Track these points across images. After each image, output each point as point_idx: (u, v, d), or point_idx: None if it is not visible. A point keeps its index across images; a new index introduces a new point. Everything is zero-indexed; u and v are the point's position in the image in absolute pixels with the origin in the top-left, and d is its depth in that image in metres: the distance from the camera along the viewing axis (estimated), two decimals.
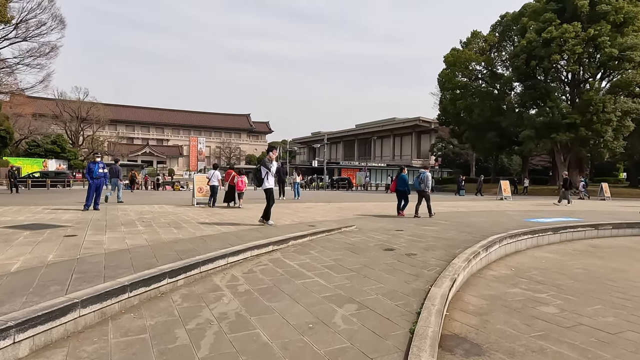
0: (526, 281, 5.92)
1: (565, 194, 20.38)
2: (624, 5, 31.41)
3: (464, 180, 35.07)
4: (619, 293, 5.40)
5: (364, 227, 9.43)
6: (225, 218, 10.52)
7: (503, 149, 45.75)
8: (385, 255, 6.44)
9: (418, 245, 7.25)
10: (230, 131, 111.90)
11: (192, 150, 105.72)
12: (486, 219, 11.92)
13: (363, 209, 14.96)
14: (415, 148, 77.79)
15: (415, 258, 6.23)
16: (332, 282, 4.94)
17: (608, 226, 10.93)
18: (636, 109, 32.21)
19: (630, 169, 50.69)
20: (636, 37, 31.38)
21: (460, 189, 33.02)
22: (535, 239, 8.99)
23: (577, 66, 33.32)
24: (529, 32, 33.69)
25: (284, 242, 6.96)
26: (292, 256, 6.32)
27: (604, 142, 32.29)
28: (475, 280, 5.94)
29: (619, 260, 7.69)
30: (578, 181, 39.62)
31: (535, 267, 6.87)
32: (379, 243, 7.38)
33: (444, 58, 43.02)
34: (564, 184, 21.11)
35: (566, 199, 20.15)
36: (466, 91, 42.82)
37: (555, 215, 13.56)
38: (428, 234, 8.50)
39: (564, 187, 20.90)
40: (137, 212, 11.76)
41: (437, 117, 49.13)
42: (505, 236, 7.96)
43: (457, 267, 5.54)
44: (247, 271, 5.45)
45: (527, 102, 37.84)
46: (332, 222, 9.94)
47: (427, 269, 5.59)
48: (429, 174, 12.65)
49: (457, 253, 6.49)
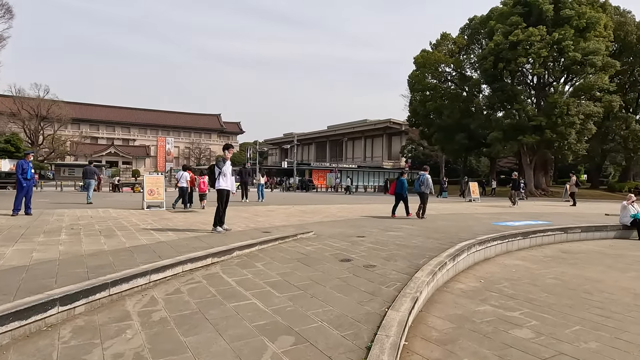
0: (496, 295, 5.27)
1: (513, 195, 20.42)
2: (586, 10, 32.08)
3: (446, 182, 34.93)
4: (597, 309, 4.81)
5: (323, 233, 8.64)
6: (172, 223, 9.51)
7: (471, 151, 46.19)
8: (340, 267, 5.66)
9: (379, 254, 6.51)
10: (200, 131, 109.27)
11: (160, 150, 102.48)
12: (455, 222, 11.38)
13: (327, 212, 14.19)
14: (386, 150, 77.92)
15: (374, 271, 5.48)
16: (271, 305, 4.10)
17: (577, 230, 10.58)
18: (597, 112, 32.97)
19: (590, 171, 52.30)
20: (598, 42, 32.09)
21: (442, 191, 32.80)
22: (505, 245, 8.45)
23: (542, 69, 33.81)
24: (496, 35, 33.94)
25: (226, 253, 6.07)
26: (233, 270, 5.44)
27: (568, 144, 32.86)
28: (441, 295, 5.24)
29: (592, 268, 7.21)
30: (543, 182, 40.40)
31: (506, 278, 6.26)
32: (336, 252, 6.60)
33: (414, 59, 42.99)
34: (512, 185, 21.26)
35: (513, 200, 20.19)
36: (436, 93, 42.93)
37: (523, 217, 13.20)
38: (391, 240, 7.79)
39: (512, 188, 21.01)
40: (74, 217, 10.55)
41: (407, 118, 49.16)
42: (474, 243, 7.34)
43: (420, 282, 4.82)
44: (172, 291, 4.54)
45: (495, 105, 38.25)
46: (290, 228, 9.11)
47: (386, 284, 4.84)
48: (429, 176, 12.90)
49: (422, 264, 5.78)
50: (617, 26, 36.79)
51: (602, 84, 32.33)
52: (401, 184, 12.91)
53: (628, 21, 38.50)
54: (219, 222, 8.10)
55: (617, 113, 38.15)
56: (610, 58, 33.20)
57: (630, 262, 7.88)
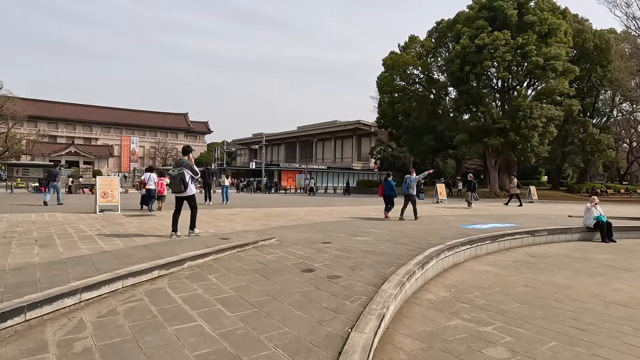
0: (468, 307, 4.95)
1: (468, 196, 20.60)
2: (548, 17, 33.06)
3: (423, 183, 34.96)
4: (571, 320, 4.57)
5: (287, 238, 8.15)
6: (123, 229, 8.78)
7: (439, 153, 46.84)
8: (302, 279, 5.20)
9: (345, 262, 6.09)
10: (167, 131, 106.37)
11: (124, 150, 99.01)
12: (423, 226, 11.15)
13: (293, 215, 13.70)
14: (356, 151, 78.15)
15: (338, 282, 5.05)
16: (219, 327, 3.59)
17: (544, 232, 10.56)
18: (558, 115, 34.04)
19: (551, 173, 54.20)
20: (558, 47, 33.10)
21: (420, 192, 32.75)
22: (474, 249, 8.24)
23: (506, 73, 34.57)
24: (463, 39, 34.44)
25: (176, 264, 5.48)
26: (182, 285, 4.88)
27: (531, 146, 33.71)
28: (409, 308, 4.87)
29: (561, 273, 7.06)
30: (507, 184, 41.39)
31: (476, 286, 5.98)
32: (299, 262, 6.13)
33: (383, 61, 43.15)
34: (468, 186, 21.32)
35: (468, 201, 20.37)
36: (404, 95, 43.25)
37: (490, 219, 13.17)
38: (358, 247, 7.40)
39: (468, 189, 21.12)
40: (13, 222, 9.60)
41: (376, 120, 49.33)
42: (443, 249, 7.05)
43: (387, 295, 4.42)
44: (105, 313, 3.94)
45: (461, 107, 38.83)
46: (251, 234, 8.57)
47: (351, 298, 4.41)
48: (415, 177, 13.47)
49: (389, 273, 5.40)
50: (576, 33, 38.17)
51: (563, 89, 33.39)
52: (389, 185, 13.48)
53: (586, 29, 40.04)
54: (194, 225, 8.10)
55: (576, 117, 39.59)
56: (569, 63, 34.34)
57: (596, 265, 7.82)
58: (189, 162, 7.74)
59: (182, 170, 7.53)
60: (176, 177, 7.48)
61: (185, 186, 7.59)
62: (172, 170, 7.61)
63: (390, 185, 13.52)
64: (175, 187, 7.60)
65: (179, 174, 7.48)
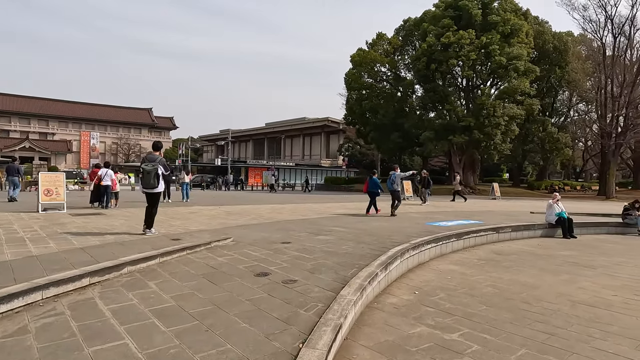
0: (433, 311, 4.62)
1: (423, 192, 20.63)
2: (511, 17, 33.82)
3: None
4: (539, 324, 4.31)
5: (244, 239, 7.63)
6: (63, 230, 7.99)
7: (405, 150, 47.26)
8: (254, 284, 4.71)
9: (303, 264, 5.65)
10: (130, 126, 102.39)
11: (84, 146, 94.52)
12: (388, 223, 10.88)
13: (255, 213, 13.15)
14: (325, 148, 77.94)
15: (294, 288, 4.60)
16: (149, 346, 3.06)
17: (508, 229, 10.52)
18: (520, 114, 34.95)
19: (512, 170, 55.87)
20: (520, 48, 33.97)
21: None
22: (439, 248, 7.99)
23: (471, 72, 35.16)
24: (429, 37, 34.76)
25: (112, 270, 4.88)
26: (116, 294, 4.29)
27: (494, 144, 34.47)
28: (371, 314, 4.48)
29: (526, 271, 6.90)
30: (471, 181, 42.25)
31: (442, 287, 5.69)
32: (253, 264, 5.64)
33: (351, 57, 43.01)
34: (423, 183, 21.24)
35: (423, 198, 20.43)
36: (371, 92, 43.30)
37: (454, 216, 13.09)
38: (319, 247, 6.97)
39: (422, 186, 21.09)
40: None
41: (344, 116, 49.19)
42: (407, 248, 6.74)
43: (345, 302, 4.01)
44: (13, 331, 3.32)
45: (427, 105, 39.28)
46: (206, 234, 7.99)
47: (306, 306, 3.98)
48: (399, 174, 13.70)
49: (350, 276, 5.01)
50: (537, 34, 39.33)
51: (524, 88, 34.32)
52: (374, 182, 13.71)
53: (546, 30, 41.34)
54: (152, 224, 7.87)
55: (536, 116, 40.85)
56: (530, 64, 35.31)
57: (560, 262, 7.75)
58: (162, 158, 7.67)
59: (157, 166, 7.40)
60: (151, 172, 7.33)
61: (158, 182, 7.48)
62: (146, 165, 7.39)
63: (375, 182, 13.72)
64: (148, 182, 7.41)
65: (154, 169, 7.35)
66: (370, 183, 13.82)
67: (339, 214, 13.36)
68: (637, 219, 12.27)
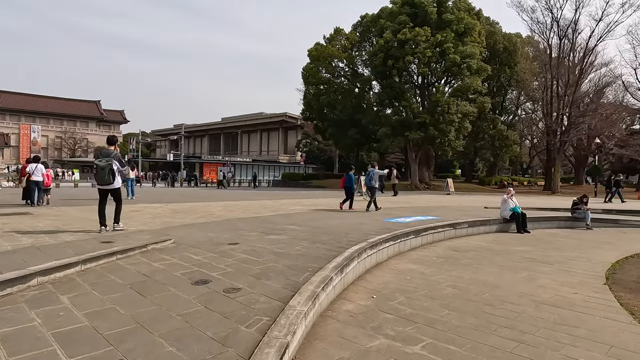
0: (392, 318, 4.18)
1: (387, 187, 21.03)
2: (464, 16, 34.54)
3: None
4: (505, 329, 3.99)
5: (187, 240, 6.90)
6: None
7: (363, 146, 47.44)
8: (190, 295, 4.07)
9: (250, 269, 5.06)
10: (76, 119, 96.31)
11: (24, 139, 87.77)
12: (345, 220, 10.47)
13: (205, 211, 12.33)
14: (283, 144, 77.00)
15: (237, 297, 4.01)
16: None
17: (464, 225, 10.41)
18: (473, 112, 35.89)
19: (464, 166, 57.72)
20: (473, 47, 34.81)
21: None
22: (397, 246, 7.65)
23: (426, 69, 35.63)
24: (386, 33, 34.82)
25: (17, 282, 4.06)
26: (15, 312, 3.52)
27: (448, 140, 35.16)
28: (324, 325, 3.98)
29: (485, 269, 6.68)
30: (426, 176, 43.06)
31: (401, 289, 5.29)
32: (192, 270, 4.98)
33: (308, 52, 42.49)
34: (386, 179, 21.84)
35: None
36: (329, 87, 43.02)
37: (411, 212, 12.93)
38: (270, 248, 6.39)
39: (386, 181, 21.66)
40: None
41: (301, 112, 48.64)
42: (365, 247, 6.31)
43: (294, 315, 3.47)
44: None
45: (384, 101, 39.50)
46: (145, 235, 7.19)
47: (248, 321, 3.40)
48: (377, 171, 13.70)
49: (302, 282, 4.48)
50: (488, 35, 40.53)
51: (476, 86, 35.24)
52: (350, 178, 14.06)
53: (496, 31, 42.74)
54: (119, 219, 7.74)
55: (487, 114, 42.21)
56: (483, 63, 36.30)
57: (517, 259, 7.63)
58: (117, 153, 7.45)
59: (111, 161, 7.17)
60: (105, 168, 7.10)
61: (114, 178, 7.26)
62: (100, 161, 7.19)
63: (350, 178, 14.10)
64: (103, 179, 7.20)
65: (108, 165, 7.12)
66: (346, 179, 14.28)
67: (294, 212, 12.81)
68: (585, 213, 12.61)
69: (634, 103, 47.94)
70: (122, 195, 7.93)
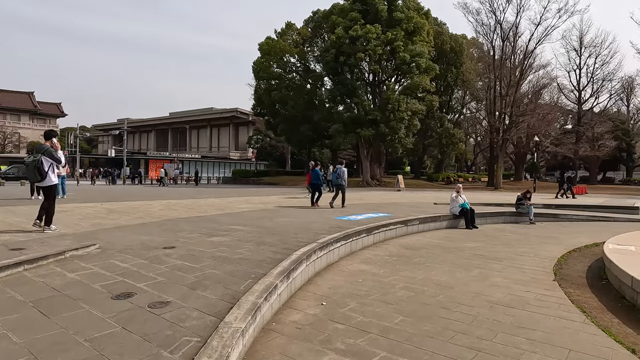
0: (343, 329, 3.80)
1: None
2: (414, 15, 35.13)
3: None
4: (462, 336, 3.72)
5: (116, 244, 6.15)
6: None
7: (315, 142, 47.18)
8: (107, 312, 3.45)
9: (184, 278, 4.48)
10: (5, 112, 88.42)
11: None
12: (295, 218, 10.03)
13: (144, 211, 11.41)
14: (233, 140, 75.13)
15: (164, 314, 3.44)
16: None
17: (416, 222, 10.32)
18: (421, 110, 36.64)
19: (413, 163, 59.17)
20: (422, 46, 35.50)
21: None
22: (349, 245, 7.32)
23: (377, 67, 35.91)
24: (337, 29, 34.66)
25: None
26: None
27: (398, 138, 35.66)
28: (267, 341, 3.51)
29: (438, 267, 6.50)
30: (378, 173, 43.60)
31: (353, 294, 4.93)
32: (116, 280, 4.32)
33: (259, 46, 41.53)
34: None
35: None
36: (281, 82, 42.33)
37: (363, 209, 12.73)
38: (210, 251, 5.81)
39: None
40: None
41: (252, 107, 47.56)
42: (315, 248, 5.90)
43: (230, 333, 2.98)
44: None
45: (337, 98, 39.39)
46: (66, 240, 6.33)
47: (174, 344, 2.86)
48: (345, 169, 13.52)
49: (243, 291, 3.98)
50: (436, 35, 41.60)
51: (425, 85, 36.00)
52: (316, 174, 14.06)
53: (444, 32, 43.99)
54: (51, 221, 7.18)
55: (435, 113, 43.38)
56: (431, 62, 37.14)
57: (468, 256, 7.55)
58: (50, 148, 6.93)
59: (39, 157, 6.75)
60: (30, 165, 6.73)
61: (42, 175, 6.79)
62: (27, 157, 6.93)
63: (317, 174, 14.08)
64: (31, 176, 6.98)
65: (34, 162, 6.72)
66: (313, 175, 14.21)
67: (242, 210, 12.19)
68: (529, 208, 13.01)
69: (567, 104, 51.41)
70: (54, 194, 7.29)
